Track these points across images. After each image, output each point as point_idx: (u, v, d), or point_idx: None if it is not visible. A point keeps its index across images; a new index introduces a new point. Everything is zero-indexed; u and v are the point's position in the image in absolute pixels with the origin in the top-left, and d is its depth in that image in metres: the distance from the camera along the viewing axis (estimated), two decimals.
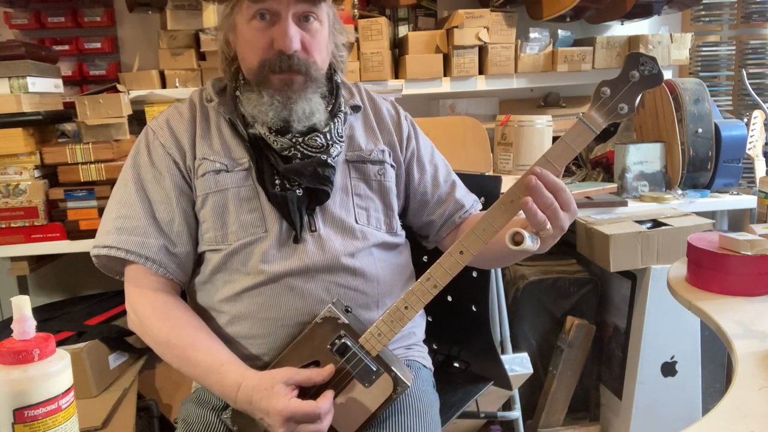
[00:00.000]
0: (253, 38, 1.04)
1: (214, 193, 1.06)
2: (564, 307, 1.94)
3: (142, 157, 1.10)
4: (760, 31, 2.37)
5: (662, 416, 1.81)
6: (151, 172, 1.07)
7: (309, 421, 0.90)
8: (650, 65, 0.88)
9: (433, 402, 1.13)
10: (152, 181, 1.07)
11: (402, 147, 1.19)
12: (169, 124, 1.11)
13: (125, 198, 1.07)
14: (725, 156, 1.93)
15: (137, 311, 1.05)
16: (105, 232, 1.07)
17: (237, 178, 1.06)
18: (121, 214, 1.06)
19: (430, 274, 0.93)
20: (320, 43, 1.06)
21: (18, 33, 2.04)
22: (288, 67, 1.02)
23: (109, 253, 1.05)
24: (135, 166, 1.09)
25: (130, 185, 1.08)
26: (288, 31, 1.00)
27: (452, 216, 1.20)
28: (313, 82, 1.06)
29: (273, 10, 1.01)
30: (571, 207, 0.94)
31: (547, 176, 0.89)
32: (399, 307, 0.94)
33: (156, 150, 1.09)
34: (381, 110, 1.21)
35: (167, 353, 1.02)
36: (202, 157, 1.07)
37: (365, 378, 0.96)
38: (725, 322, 0.96)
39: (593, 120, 0.89)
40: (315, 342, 0.97)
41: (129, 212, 1.06)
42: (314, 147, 1.06)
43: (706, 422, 0.72)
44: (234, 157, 1.08)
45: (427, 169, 1.21)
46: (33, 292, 2.13)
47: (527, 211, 0.88)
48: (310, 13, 1.03)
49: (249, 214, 1.05)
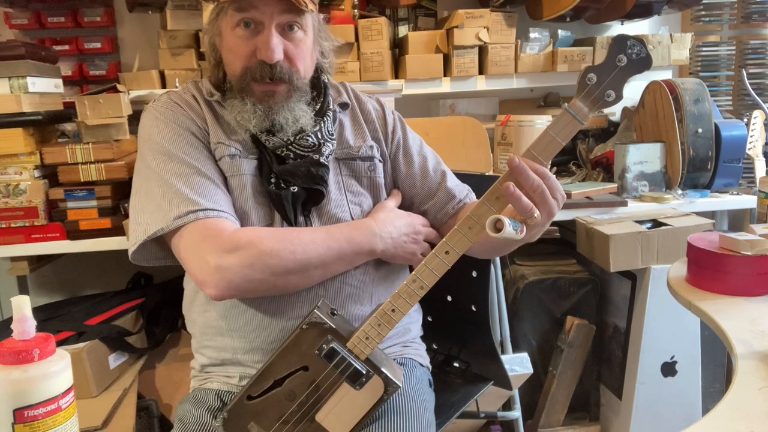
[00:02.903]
0: (236, 46, 1.04)
1: (230, 177, 1.06)
2: (564, 307, 1.94)
3: (159, 131, 1.05)
4: (760, 31, 2.37)
5: (662, 416, 1.81)
6: (184, 139, 1.04)
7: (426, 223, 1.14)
8: (638, 48, 0.84)
9: (427, 401, 1.13)
10: (187, 147, 1.03)
11: (387, 140, 1.20)
12: (177, 103, 1.09)
13: (165, 173, 1.01)
14: (725, 156, 1.92)
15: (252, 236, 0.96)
16: (159, 210, 0.98)
17: (251, 166, 1.07)
18: (176, 184, 0.99)
19: (416, 275, 0.92)
20: (304, 51, 1.07)
21: (18, 33, 2.03)
22: (270, 76, 1.03)
23: (208, 216, 0.97)
24: (153, 144, 1.04)
25: (161, 160, 1.02)
26: (270, 41, 1.01)
27: (445, 206, 1.20)
28: (296, 91, 1.06)
29: (257, 20, 1.02)
30: (559, 193, 0.91)
31: (531, 162, 0.87)
32: (386, 310, 0.93)
33: (179, 120, 1.06)
34: (367, 107, 1.22)
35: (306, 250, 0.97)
36: (217, 141, 1.07)
37: (355, 381, 0.96)
38: (725, 322, 0.96)
39: (579, 110, 0.86)
40: (302, 348, 0.96)
41: (181, 181, 1.00)
42: (306, 147, 1.08)
43: (706, 422, 0.72)
44: (246, 146, 1.08)
45: (414, 160, 1.21)
46: (33, 292, 2.13)
47: (511, 196, 0.86)
48: (294, 23, 1.04)
49: (260, 204, 1.06)
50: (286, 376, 0.97)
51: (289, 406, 0.97)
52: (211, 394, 1.09)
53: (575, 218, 1.82)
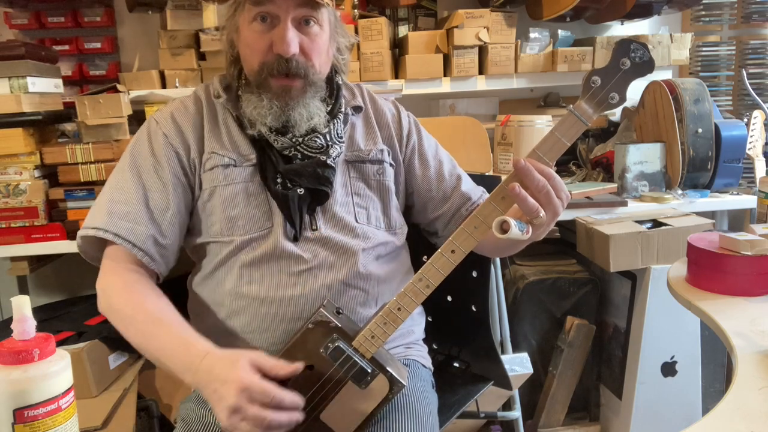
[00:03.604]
0: (253, 41, 1.05)
1: (222, 186, 1.07)
2: (564, 307, 1.94)
3: (142, 145, 1.09)
4: (760, 31, 2.37)
5: (662, 416, 1.81)
6: (150, 161, 1.07)
7: (263, 400, 0.85)
8: (641, 52, 0.86)
9: (431, 402, 1.13)
10: (150, 170, 1.07)
11: (402, 144, 1.20)
12: (173, 117, 1.11)
13: (120, 183, 1.07)
14: (725, 156, 1.92)
15: (107, 284, 1.04)
16: (95, 214, 1.06)
17: (245, 173, 1.07)
18: (114, 198, 1.06)
19: (422, 274, 0.92)
20: (320, 47, 1.07)
21: (18, 33, 2.03)
22: (286, 70, 1.03)
23: (96, 234, 1.04)
24: (133, 154, 1.09)
25: (126, 171, 1.08)
26: (286, 35, 1.01)
27: (459, 209, 1.20)
28: (311, 86, 1.07)
29: (273, 14, 1.02)
30: (564, 193, 0.93)
31: (536, 163, 0.89)
32: (392, 309, 0.94)
33: (158, 140, 1.09)
34: (382, 110, 1.21)
35: (131, 328, 1.00)
36: (211, 151, 1.08)
37: (361, 380, 0.95)
38: (725, 322, 0.96)
39: (584, 111, 0.88)
40: (308, 347, 0.96)
41: (122, 197, 1.05)
42: (314, 148, 1.07)
43: (706, 422, 0.72)
44: (242, 153, 1.09)
45: (430, 164, 1.21)
46: (33, 292, 2.12)
47: (517, 197, 0.87)
48: (310, 17, 1.04)
49: (256, 209, 1.06)
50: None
51: None
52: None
53: (575, 218, 1.82)
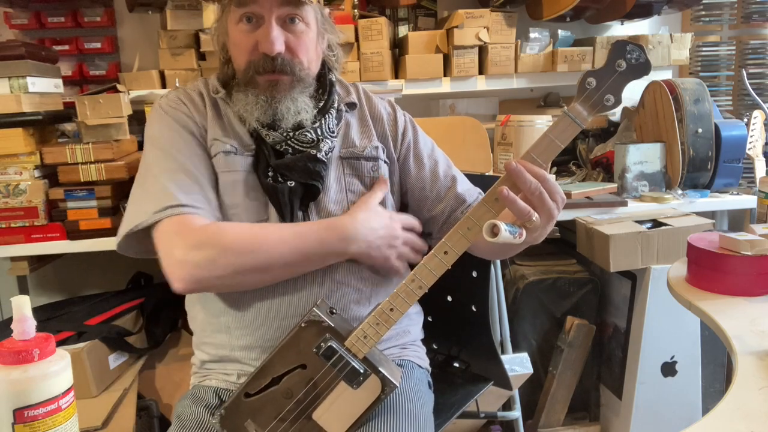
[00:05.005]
0: (239, 41, 1.07)
1: (223, 173, 1.08)
2: (564, 307, 1.94)
3: (163, 129, 1.08)
4: (760, 31, 2.37)
5: (662, 416, 1.81)
6: (180, 137, 1.07)
7: None
8: (637, 53, 0.85)
9: (425, 402, 1.13)
10: (181, 145, 1.06)
11: (396, 142, 1.20)
12: (181, 100, 1.12)
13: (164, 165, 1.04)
14: (725, 156, 1.92)
15: (197, 240, 0.96)
16: (160, 195, 1.00)
17: (246, 162, 1.09)
18: (173, 179, 1.02)
19: (415, 275, 0.92)
20: (306, 44, 1.08)
21: (18, 33, 2.03)
22: (272, 68, 1.05)
23: (182, 212, 0.98)
24: (158, 138, 1.08)
25: (160, 157, 1.05)
26: (270, 33, 1.03)
27: (454, 212, 1.20)
28: (299, 82, 1.08)
29: (257, 14, 1.04)
30: (559, 195, 0.92)
31: (529, 165, 0.88)
32: (384, 309, 0.94)
33: (178, 117, 1.09)
34: (378, 108, 1.22)
35: (264, 246, 0.98)
36: (213, 137, 1.09)
37: (353, 380, 0.96)
38: (725, 322, 0.96)
39: (579, 113, 0.87)
40: (300, 346, 0.96)
41: (174, 177, 1.02)
42: (304, 142, 1.09)
43: (706, 422, 0.72)
44: (243, 142, 1.10)
45: (425, 163, 1.21)
46: (33, 292, 2.13)
47: (506, 200, 0.86)
48: (295, 16, 1.06)
49: (255, 200, 1.07)
50: (284, 374, 0.97)
51: (286, 404, 0.97)
52: (209, 392, 1.10)
53: (575, 218, 1.82)
